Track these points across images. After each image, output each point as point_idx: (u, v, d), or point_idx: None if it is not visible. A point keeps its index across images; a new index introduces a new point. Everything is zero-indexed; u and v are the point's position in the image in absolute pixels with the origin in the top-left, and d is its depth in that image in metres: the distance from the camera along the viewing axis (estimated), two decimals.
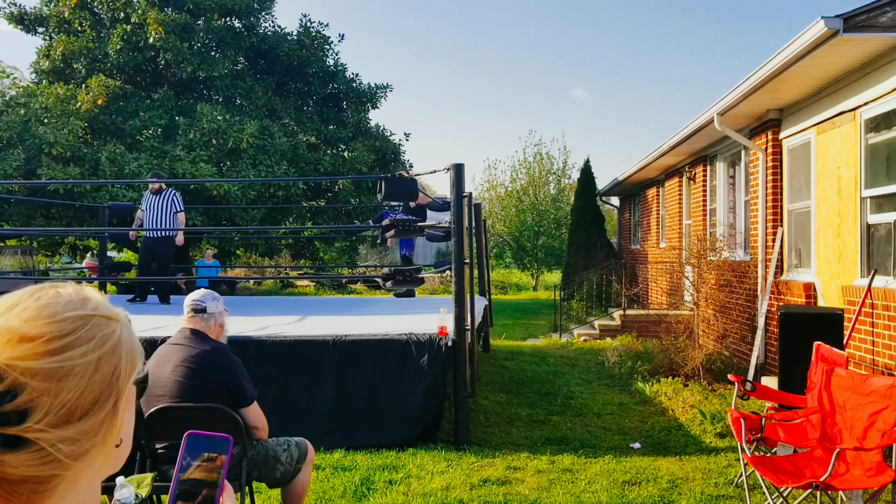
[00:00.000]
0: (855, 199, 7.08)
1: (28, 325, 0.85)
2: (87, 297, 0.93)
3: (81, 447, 0.86)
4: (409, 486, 5.23)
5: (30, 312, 0.86)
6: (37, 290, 0.91)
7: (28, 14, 18.93)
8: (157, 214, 9.82)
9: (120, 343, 0.92)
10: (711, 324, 9.59)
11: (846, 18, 5.99)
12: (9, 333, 0.84)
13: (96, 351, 0.88)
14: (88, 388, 0.86)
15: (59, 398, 0.83)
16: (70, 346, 0.86)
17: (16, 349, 0.83)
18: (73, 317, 0.88)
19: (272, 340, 6.46)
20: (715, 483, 5.29)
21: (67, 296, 0.91)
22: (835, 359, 4.79)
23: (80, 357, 0.86)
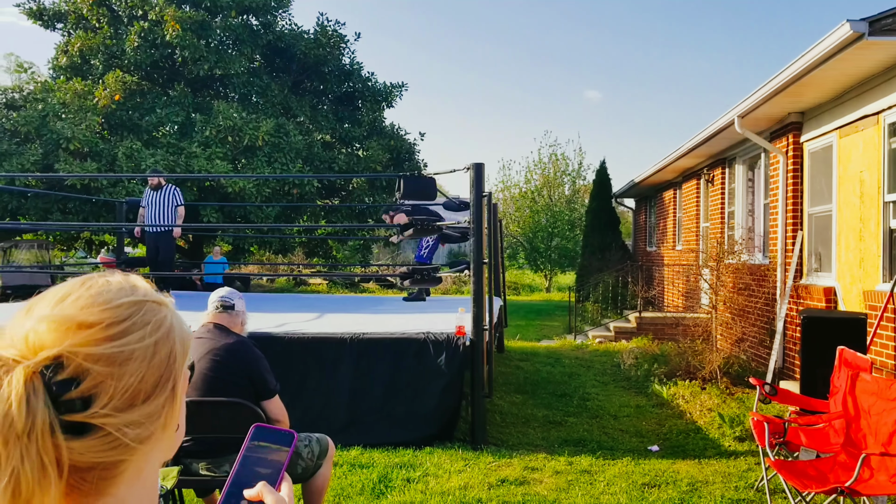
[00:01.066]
0: (878, 203, 7.01)
1: (85, 313, 0.85)
2: (136, 284, 0.94)
3: (146, 430, 0.86)
4: (427, 485, 5.22)
5: (84, 301, 0.87)
6: (86, 280, 0.92)
7: (47, 10, 19.04)
8: (158, 210, 9.89)
9: (172, 327, 0.93)
10: (729, 327, 9.53)
11: (871, 22, 5.93)
12: (67, 321, 0.84)
13: (153, 335, 0.89)
14: (149, 371, 0.87)
15: (122, 382, 0.84)
16: (128, 330, 0.86)
17: (76, 336, 0.83)
18: (127, 303, 0.89)
19: (290, 337, 6.46)
20: (735, 487, 5.25)
21: (118, 284, 0.92)
22: (859, 363, 4.75)
23: (139, 341, 0.86)
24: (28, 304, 0.90)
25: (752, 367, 9.28)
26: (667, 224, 16.77)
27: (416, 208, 7.77)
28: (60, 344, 0.82)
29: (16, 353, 0.82)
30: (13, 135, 16.52)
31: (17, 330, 0.85)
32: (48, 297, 0.89)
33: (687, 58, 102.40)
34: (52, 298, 0.88)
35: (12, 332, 0.86)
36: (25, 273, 15.97)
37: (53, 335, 0.82)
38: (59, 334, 0.82)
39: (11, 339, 0.84)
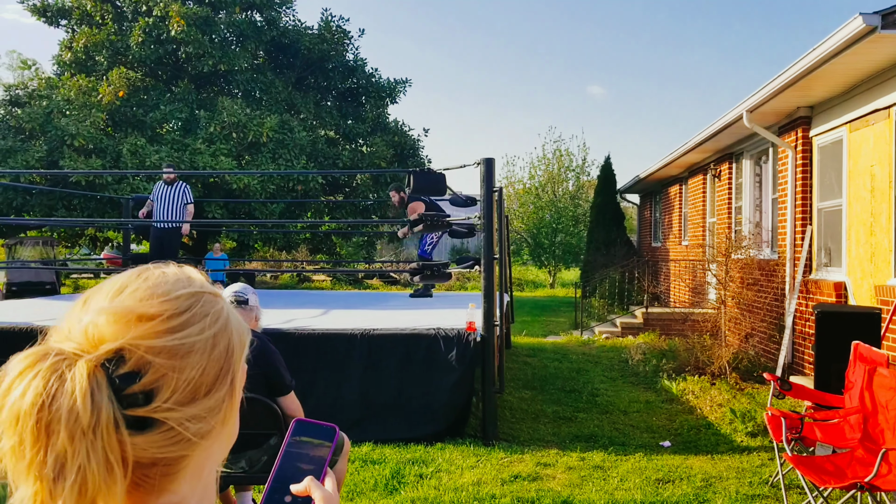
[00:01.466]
0: (889, 197, 6.98)
1: (145, 304, 0.83)
2: (192, 276, 0.92)
3: (208, 424, 0.84)
4: (440, 481, 5.20)
5: (142, 292, 0.85)
6: (142, 271, 0.90)
7: (51, 6, 19.00)
8: (168, 205, 9.85)
9: (229, 319, 0.91)
10: (738, 322, 9.50)
11: (885, 15, 5.90)
12: (127, 313, 0.82)
13: (212, 327, 0.87)
14: (210, 364, 0.85)
15: (183, 375, 0.82)
16: (188, 322, 0.84)
17: (136, 329, 0.81)
18: (185, 294, 0.87)
19: (300, 333, 6.44)
20: (749, 482, 5.23)
21: (174, 275, 0.90)
22: (875, 358, 4.72)
23: (199, 333, 0.85)
24: (84, 297, 0.88)
25: (760, 363, 9.25)
26: (672, 219, 16.74)
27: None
28: (121, 337, 0.80)
29: (76, 347, 0.80)
30: (17, 131, 16.51)
31: (75, 323, 0.83)
32: (105, 289, 0.87)
33: (689, 53, 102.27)
34: (109, 290, 0.86)
35: (70, 325, 0.84)
36: (31, 270, 15.95)
37: (114, 328, 0.80)
38: (119, 327, 0.80)
39: (69, 332, 0.83)
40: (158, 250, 10.17)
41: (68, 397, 0.75)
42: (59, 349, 0.79)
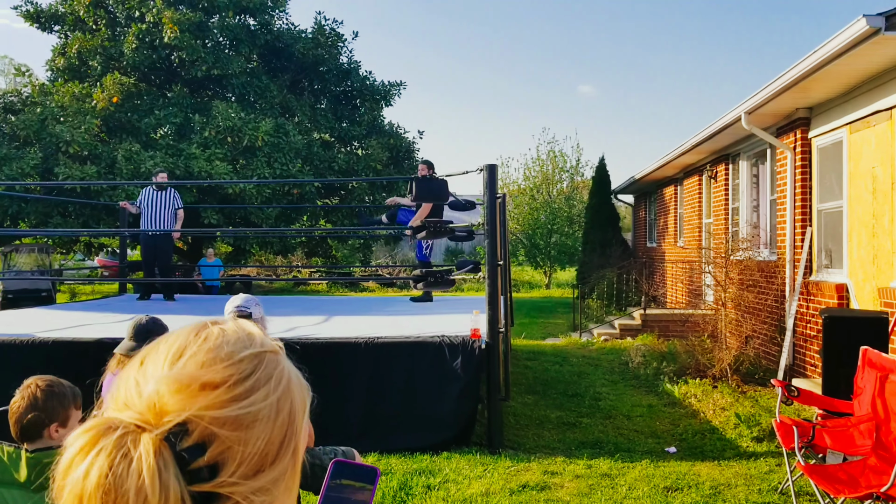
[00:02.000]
0: (891, 199, 6.98)
1: (208, 372, 0.78)
2: (251, 332, 0.87)
3: (272, 495, 0.79)
4: (449, 492, 5.17)
5: (203, 356, 0.80)
6: (199, 330, 0.85)
7: (44, 12, 18.90)
8: (159, 210, 9.76)
9: (291, 380, 0.86)
10: (739, 324, 9.49)
11: (888, 16, 5.90)
12: (190, 382, 0.77)
13: (276, 391, 0.82)
14: (275, 432, 0.80)
15: (249, 447, 0.77)
16: (253, 389, 0.80)
17: (201, 398, 0.76)
18: (248, 356, 0.82)
19: (304, 342, 6.39)
20: (758, 489, 5.21)
21: (234, 333, 0.85)
22: (885, 364, 4.71)
23: (264, 400, 0.80)
24: (140, 358, 0.84)
25: (761, 365, 9.25)
26: (668, 220, 16.74)
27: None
28: (186, 408, 0.75)
29: (138, 419, 0.76)
30: (12, 139, 16.41)
31: (133, 390, 0.79)
32: (162, 352, 0.82)
33: (678, 51, 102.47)
34: (167, 353, 0.82)
35: (128, 393, 0.79)
36: (27, 277, 15.87)
37: (177, 398, 0.76)
38: (182, 397, 0.76)
39: (128, 401, 0.79)
40: (152, 257, 10.10)
41: (136, 478, 0.71)
42: (121, 422, 0.75)
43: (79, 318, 8.11)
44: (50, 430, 2.43)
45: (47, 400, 2.44)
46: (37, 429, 2.41)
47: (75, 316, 8.46)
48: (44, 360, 6.29)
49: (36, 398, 2.43)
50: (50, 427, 2.43)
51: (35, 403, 2.42)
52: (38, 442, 2.42)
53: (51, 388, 2.47)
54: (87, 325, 7.57)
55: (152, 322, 4.13)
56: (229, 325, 0.87)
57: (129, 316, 8.56)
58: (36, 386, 2.47)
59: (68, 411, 2.48)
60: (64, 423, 2.45)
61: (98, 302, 10.56)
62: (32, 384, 2.48)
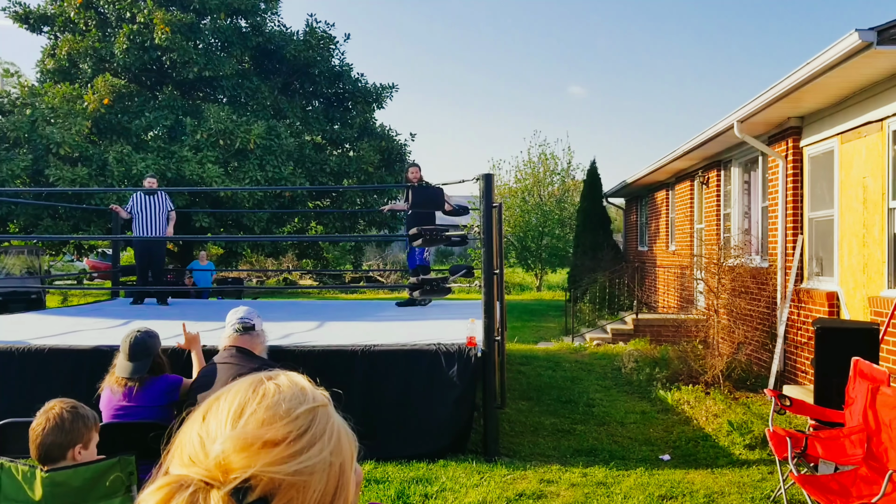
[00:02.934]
0: (882, 209, 7.06)
1: (269, 431, 0.84)
2: (303, 386, 0.93)
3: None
4: (446, 501, 5.20)
5: (262, 413, 0.86)
6: (256, 386, 0.90)
7: (33, 13, 18.81)
8: (152, 215, 9.75)
9: (341, 432, 0.92)
10: (731, 331, 9.58)
11: (880, 31, 5.97)
12: (253, 441, 0.83)
13: (329, 444, 0.88)
14: (329, 482, 0.86)
15: (307, 497, 0.83)
16: (309, 444, 0.86)
17: (262, 456, 0.82)
18: (304, 412, 0.88)
19: (300, 350, 6.42)
20: (751, 498, 5.27)
21: (288, 389, 0.90)
22: (876, 375, 4.77)
23: (319, 454, 0.86)
24: (202, 413, 0.89)
25: (753, 371, 9.33)
26: (659, 224, 16.83)
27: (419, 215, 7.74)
28: (250, 465, 0.81)
29: (205, 475, 0.81)
30: (2, 140, 16.32)
31: (198, 447, 0.84)
32: (223, 410, 0.88)
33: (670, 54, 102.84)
34: (228, 411, 0.87)
35: (193, 450, 0.85)
36: (16, 280, 15.80)
37: (240, 456, 0.81)
38: (246, 455, 0.82)
39: (193, 457, 0.84)
40: (146, 262, 10.10)
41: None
42: (192, 480, 0.80)
43: (72, 324, 8.09)
44: (74, 452, 2.47)
45: (74, 422, 2.48)
46: (61, 451, 2.45)
47: (69, 321, 8.45)
48: (39, 368, 6.29)
49: (63, 420, 2.46)
50: (74, 449, 2.46)
51: (62, 426, 2.45)
52: (60, 462, 2.45)
53: (76, 411, 2.51)
54: (81, 330, 7.56)
55: (145, 336, 4.14)
56: (283, 381, 0.92)
57: (122, 321, 8.56)
58: (61, 408, 2.50)
59: (91, 433, 2.52)
60: (86, 445, 2.49)
61: (91, 307, 10.53)
62: (56, 407, 2.51)
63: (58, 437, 2.43)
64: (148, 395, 3.99)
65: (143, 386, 4.01)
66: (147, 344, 4.08)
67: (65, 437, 2.44)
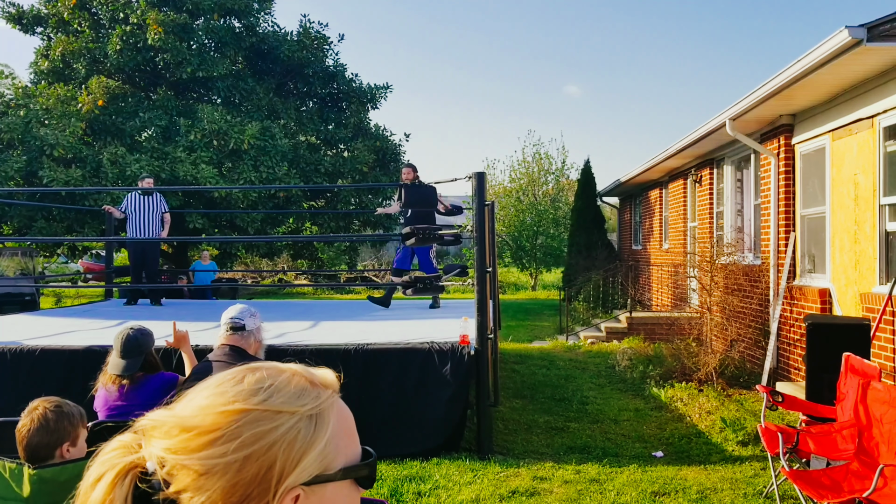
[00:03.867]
0: (873, 206, 7.09)
1: (195, 417, 0.85)
2: (269, 385, 0.88)
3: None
4: (439, 498, 5.21)
5: (209, 398, 0.87)
6: (251, 372, 0.90)
7: (26, 14, 18.77)
8: (147, 216, 9.73)
9: (282, 443, 0.85)
10: (724, 328, 9.60)
11: (870, 28, 6.00)
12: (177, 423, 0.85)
13: (243, 450, 0.83)
14: (236, 487, 0.82)
15: (203, 496, 0.81)
16: (214, 442, 0.83)
17: (173, 440, 0.83)
18: (234, 410, 0.84)
19: (294, 349, 6.42)
20: (744, 494, 5.29)
21: (258, 381, 0.88)
22: (867, 370, 4.80)
23: (221, 456, 0.82)
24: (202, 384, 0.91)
25: (746, 368, 9.36)
26: (653, 223, 16.87)
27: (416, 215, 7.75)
28: (162, 444, 0.83)
29: (133, 441, 0.86)
30: None
31: (160, 416, 0.86)
32: (207, 382, 0.90)
33: (665, 52, 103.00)
34: (204, 386, 0.89)
35: (160, 418, 0.86)
36: (10, 281, 15.78)
37: (160, 432, 0.84)
38: (164, 433, 0.84)
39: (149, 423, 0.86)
40: (140, 262, 10.07)
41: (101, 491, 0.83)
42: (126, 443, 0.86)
43: (65, 325, 8.09)
44: (62, 451, 2.47)
45: (58, 421, 2.48)
46: (49, 450, 2.45)
47: (62, 322, 8.44)
48: (31, 369, 6.28)
49: (47, 420, 2.46)
50: (62, 447, 2.47)
51: (47, 426, 2.45)
52: (48, 461, 2.45)
53: (60, 410, 2.51)
54: (74, 331, 7.55)
55: (138, 334, 4.15)
56: (267, 372, 0.90)
57: (116, 322, 8.55)
58: (45, 408, 2.49)
59: (77, 430, 2.51)
60: (74, 443, 2.49)
61: (84, 307, 10.52)
62: (40, 406, 2.50)
63: (43, 437, 2.43)
64: (141, 393, 4.00)
65: (136, 384, 4.02)
66: (139, 341, 4.08)
67: (50, 436, 2.44)
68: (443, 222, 16.54)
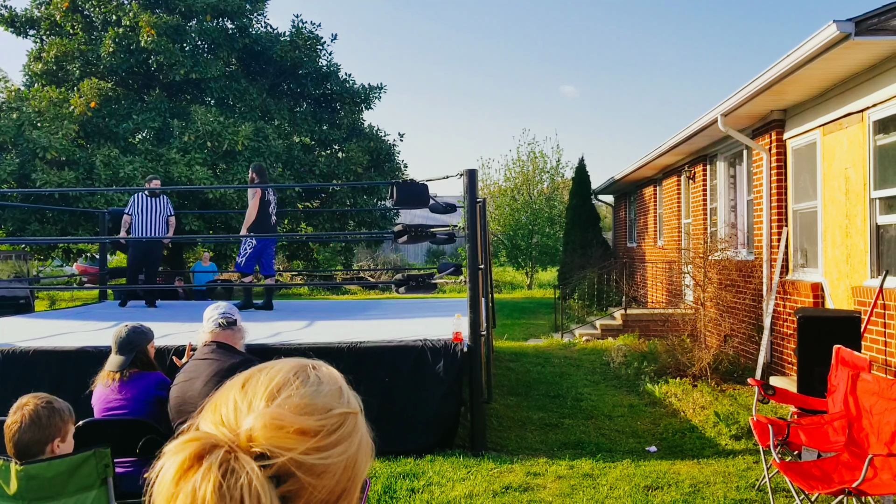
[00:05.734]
0: (864, 200, 7.12)
1: (304, 420, 0.87)
2: (341, 386, 0.97)
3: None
4: (433, 495, 5.22)
5: (299, 400, 0.89)
6: (299, 371, 0.94)
7: (18, 17, 18.75)
8: (153, 217, 9.67)
9: (363, 442, 0.95)
10: (717, 324, 9.62)
11: (858, 22, 6.02)
12: (286, 425, 0.86)
13: (351, 449, 0.91)
14: (339, 483, 0.89)
15: (316, 492, 0.86)
16: (335, 444, 0.89)
17: (291, 441, 0.86)
18: (338, 413, 0.91)
19: (287, 347, 6.42)
20: (736, 487, 5.31)
21: (328, 383, 0.94)
22: (857, 362, 4.82)
23: (340, 455, 0.89)
24: (242, 380, 0.93)
25: (740, 363, 9.38)
26: (647, 220, 16.89)
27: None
28: (274, 444, 0.85)
29: (231, 439, 0.85)
30: None
31: (232, 411, 0.89)
32: (262, 383, 0.91)
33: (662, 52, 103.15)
34: (266, 386, 0.91)
35: (227, 412, 0.89)
36: (4, 285, 15.75)
37: (268, 433, 0.85)
38: (275, 435, 0.85)
39: (227, 419, 0.88)
40: (141, 263, 10.00)
41: (247, 490, 0.80)
42: (221, 441, 0.84)
43: (59, 327, 8.08)
44: (53, 446, 2.47)
45: (50, 417, 2.48)
46: (40, 446, 2.45)
47: (56, 324, 8.43)
48: (24, 370, 6.28)
49: (39, 416, 2.46)
50: (52, 443, 2.47)
51: (38, 422, 2.46)
52: (38, 457, 2.45)
53: (51, 406, 2.51)
54: (67, 333, 7.54)
55: (133, 331, 4.16)
56: (325, 374, 0.96)
57: (110, 323, 8.55)
58: (35, 404, 2.50)
59: (67, 426, 2.52)
60: (64, 438, 2.49)
61: (78, 309, 10.51)
62: (30, 403, 2.51)
63: (35, 433, 2.44)
64: (131, 390, 4.01)
65: (129, 380, 4.04)
66: (131, 338, 4.10)
67: (42, 432, 2.45)
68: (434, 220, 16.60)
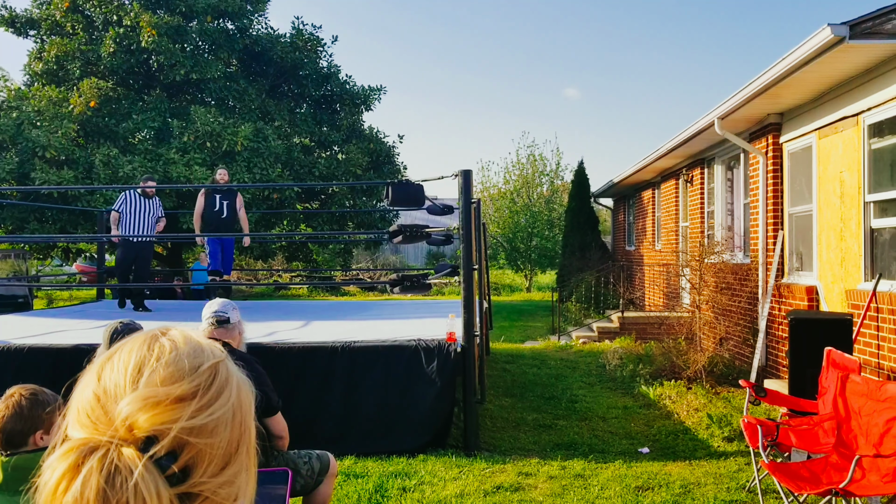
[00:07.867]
0: (858, 203, 7.13)
1: (177, 387, 0.85)
2: (199, 341, 0.93)
3: (235, 486, 0.88)
4: (424, 494, 5.23)
5: (163, 371, 0.86)
6: (150, 343, 0.90)
7: (19, 17, 18.78)
8: (143, 217, 9.63)
9: (240, 383, 0.93)
10: (713, 326, 9.64)
11: (852, 25, 6.04)
12: (163, 397, 0.84)
13: (231, 396, 0.90)
14: (233, 431, 0.88)
15: (215, 448, 0.85)
16: (214, 398, 0.87)
17: (171, 412, 0.83)
18: (207, 368, 0.89)
19: (281, 346, 6.45)
20: (727, 488, 5.32)
21: (184, 345, 0.91)
22: (847, 364, 4.83)
23: (224, 405, 0.88)
24: (96, 373, 0.89)
25: (735, 366, 9.39)
26: (646, 223, 16.91)
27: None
28: (158, 422, 0.82)
29: (110, 435, 0.82)
30: None
31: (97, 408, 0.85)
32: (119, 368, 0.88)
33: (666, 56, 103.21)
34: (125, 369, 0.87)
35: (92, 410, 0.85)
36: (3, 284, 15.78)
37: (148, 414, 0.83)
38: (155, 412, 0.83)
39: (94, 418, 0.85)
40: (132, 262, 9.93)
41: (132, 488, 0.78)
42: (98, 442, 0.82)
43: (56, 325, 8.10)
44: (35, 438, 2.49)
45: (32, 408, 2.50)
46: (23, 437, 2.47)
47: (52, 322, 8.45)
48: (19, 367, 6.30)
49: (21, 407, 2.48)
50: (35, 435, 2.49)
51: (21, 412, 2.48)
52: (22, 448, 2.48)
53: (35, 397, 2.53)
54: (63, 331, 7.56)
55: (126, 327, 4.18)
56: (177, 336, 0.93)
57: (106, 322, 8.56)
58: (20, 395, 2.52)
59: (53, 418, 2.54)
60: (48, 430, 2.51)
61: (75, 308, 10.54)
62: (16, 394, 2.53)
63: (17, 424, 2.46)
64: None
65: None
66: (123, 334, 4.11)
67: (24, 423, 2.46)
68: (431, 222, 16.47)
